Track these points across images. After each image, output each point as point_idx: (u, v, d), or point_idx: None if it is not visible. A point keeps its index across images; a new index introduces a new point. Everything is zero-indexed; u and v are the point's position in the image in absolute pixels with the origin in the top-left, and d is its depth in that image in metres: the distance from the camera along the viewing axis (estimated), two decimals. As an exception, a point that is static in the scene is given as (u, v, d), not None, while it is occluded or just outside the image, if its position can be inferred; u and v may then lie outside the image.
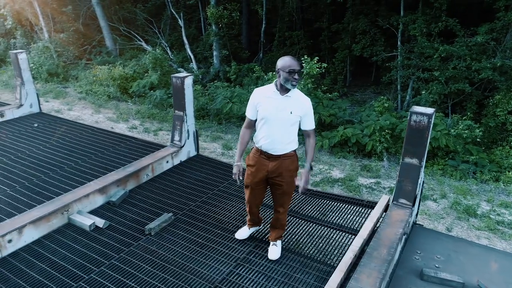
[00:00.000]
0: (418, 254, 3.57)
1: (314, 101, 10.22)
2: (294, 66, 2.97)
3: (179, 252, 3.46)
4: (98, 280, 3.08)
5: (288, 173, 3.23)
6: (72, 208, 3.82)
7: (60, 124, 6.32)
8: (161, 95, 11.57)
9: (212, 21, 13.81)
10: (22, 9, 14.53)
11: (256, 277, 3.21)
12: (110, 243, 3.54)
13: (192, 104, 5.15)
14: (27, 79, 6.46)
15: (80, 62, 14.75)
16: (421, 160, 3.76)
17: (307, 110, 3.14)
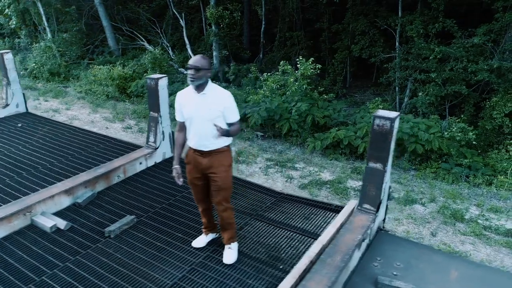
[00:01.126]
0: (378, 261, 3.52)
1: (308, 102, 10.16)
2: (190, 63, 3.08)
3: (135, 256, 3.46)
4: (48, 283, 3.11)
5: (222, 167, 3.28)
6: (35, 209, 3.86)
7: (44, 124, 6.40)
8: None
9: (211, 21, 13.83)
10: (26, 9, 14.73)
11: (207, 282, 3.19)
12: (68, 245, 3.56)
13: (167, 105, 5.16)
14: (13, 79, 6.56)
15: (82, 61, 14.90)
16: (385, 164, 3.70)
17: (226, 103, 3.18)
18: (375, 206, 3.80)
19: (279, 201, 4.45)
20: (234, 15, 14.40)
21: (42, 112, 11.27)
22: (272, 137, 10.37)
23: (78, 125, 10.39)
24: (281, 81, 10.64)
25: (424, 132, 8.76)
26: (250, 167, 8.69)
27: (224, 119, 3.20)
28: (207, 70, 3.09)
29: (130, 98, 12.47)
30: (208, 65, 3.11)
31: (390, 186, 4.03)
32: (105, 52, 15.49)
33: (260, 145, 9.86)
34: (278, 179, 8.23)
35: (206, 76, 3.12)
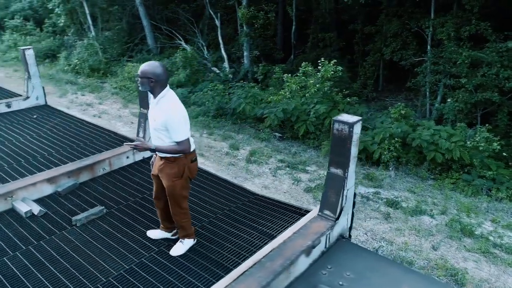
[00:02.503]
0: (328, 269, 3.42)
1: (328, 104, 9.99)
2: (138, 71, 3.13)
3: (92, 245, 3.65)
4: (7, 265, 3.36)
5: (167, 176, 3.30)
6: (17, 195, 4.17)
7: (56, 116, 6.84)
8: (183, 92, 11.95)
9: (243, 21, 13.98)
10: (74, 9, 15.71)
11: (150, 275, 3.29)
12: (36, 231, 3.82)
13: (157, 102, 5.31)
14: (33, 73, 7.08)
15: (122, 59, 15.63)
16: (345, 170, 3.60)
17: (166, 120, 3.11)
18: (335, 212, 3.69)
19: (250, 202, 4.46)
20: (268, 15, 14.46)
21: (77, 105, 12.02)
22: (290, 138, 10.31)
23: (106, 119, 10.98)
24: (302, 83, 10.54)
25: (445, 141, 8.32)
26: (260, 168, 8.71)
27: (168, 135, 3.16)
28: (147, 78, 3.08)
29: (160, 95, 12.87)
30: (151, 73, 3.06)
31: (355, 194, 3.90)
32: (143, 50, 16.14)
33: (276, 146, 9.84)
34: (285, 181, 8.18)
35: (149, 84, 3.09)
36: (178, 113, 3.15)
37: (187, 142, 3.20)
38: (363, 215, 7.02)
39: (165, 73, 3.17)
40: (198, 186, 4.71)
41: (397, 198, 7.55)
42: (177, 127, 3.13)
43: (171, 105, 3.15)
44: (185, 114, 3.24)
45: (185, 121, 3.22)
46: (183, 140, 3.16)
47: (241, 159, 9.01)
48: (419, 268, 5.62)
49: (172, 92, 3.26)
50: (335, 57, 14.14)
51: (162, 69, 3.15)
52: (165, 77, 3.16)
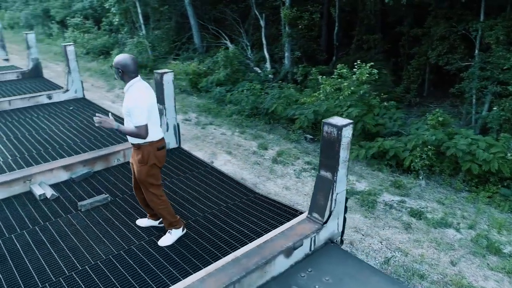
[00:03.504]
0: (308, 272, 3.40)
1: (362, 108, 9.75)
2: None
3: (91, 229, 3.90)
4: (13, 241, 3.70)
5: (134, 162, 3.56)
6: (35, 179, 4.55)
7: (89, 108, 7.31)
8: (221, 91, 12.22)
9: (285, 22, 13.99)
10: (128, 8, 16.59)
11: (134, 261, 3.47)
12: (45, 213, 4.16)
13: (172, 99, 5.53)
14: (73, 68, 7.61)
15: (168, 57, 16.25)
16: (334, 174, 3.55)
17: (129, 105, 3.36)
18: (323, 216, 3.65)
19: (249, 200, 4.51)
20: (313, 16, 14.37)
21: (121, 100, 12.69)
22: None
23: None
24: (338, 85, 10.37)
25: (483, 151, 7.81)
26: (285, 168, 8.71)
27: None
28: (117, 69, 3.38)
29: (200, 93, 13.28)
30: (120, 65, 3.35)
31: (347, 198, 3.82)
32: (190, 49, 16.66)
33: (305, 148, 9.78)
34: (308, 183, 8.11)
35: (119, 74, 3.39)
36: (139, 100, 3.36)
37: (144, 128, 3.37)
38: (382, 223, 6.80)
39: (133, 64, 3.41)
40: (201, 181, 4.85)
41: (422, 209, 7.23)
42: (136, 112, 3.33)
43: (135, 93, 3.40)
44: (148, 102, 3.44)
45: (146, 109, 3.39)
46: (140, 125, 3.35)
47: (267, 159, 9.06)
48: (431, 282, 5.36)
49: (142, 83, 3.50)
50: (378, 60, 13.76)
51: (130, 61, 3.41)
52: (132, 68, 3.41)
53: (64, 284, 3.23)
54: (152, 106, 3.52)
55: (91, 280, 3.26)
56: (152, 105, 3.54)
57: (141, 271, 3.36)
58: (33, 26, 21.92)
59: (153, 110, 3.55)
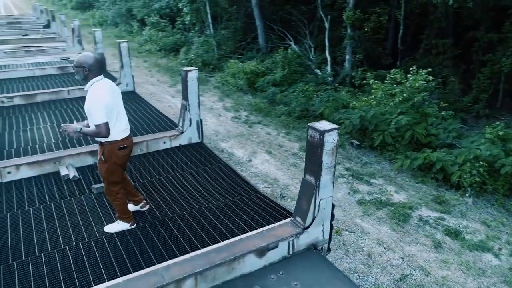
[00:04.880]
0: (279, 275, 3.39)
1: (413, 116, 9.23)
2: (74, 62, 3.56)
3: (95, 210, 4.27)
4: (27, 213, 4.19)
5: (98, 159, 3.75)
6: (64, 161, 5.06)
7: (134, 101, 7.87)
8: (274, 91, 12.33)
9: (347, 24, 13.68)
10: (199, 8, 17.40)
11: (122, 242, 3.73)
12: (64, 191, 4.62)
13: (196, 95, 5.75)
14: (125, 63, 8.23)
15: (233, 56, 16.75)
16: (317, 179, 3.48)
17: (87, 104, 3.47)
18: (304, 221, 3.60)
19: (249, 198, 4.56)
20: (380, 18, 13.87)
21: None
22: (368, 148, 9.82)
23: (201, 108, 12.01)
24: (390, 90, 9.91)
25: (544, 172, 6.99)
26: (322, 173, 8.55)
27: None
28: (79, 68, 3.50)
29: (256, 92, 13.51)
30: (81, 63, 3.48)
31: (333, 205, 3.71)
32: (254, 49, 16.99)
33: (348, 154, 9.51)
34: (341, 190, 7.90)
35: (83, 73, 3.50)
36: (97, 99, 3.45)
37: (104, 126, 3.47)
38: (411, 238, 6.40)
39: (97, 63, 3.54)
40: (210, 176, 5.01)
41: (462, 228, 6.67)
42: (94, 111, 3.45)
43: (94, 92, 3.51)
44: (106, 101, 3.49)
45: (104, 107, 3.46)
46: (99, 124, 3.47)
47: (306, 162, 8.96)
48: (446, 307, 4.95)
49: (103, 81, 3.60)
50: (447, 66, 12.84)
51: (95, 59, 3.54)
52: (97, 67, 3.54)
53: (56, 255, 3.58)
54: (112, 105, 3.58)
55: (80, 255, 3.58)
56: (113, 104, 3.59)
57: (124, 253, 3.61)
58: (118, 24, 23.94)
59: (115, 108, 3.62)
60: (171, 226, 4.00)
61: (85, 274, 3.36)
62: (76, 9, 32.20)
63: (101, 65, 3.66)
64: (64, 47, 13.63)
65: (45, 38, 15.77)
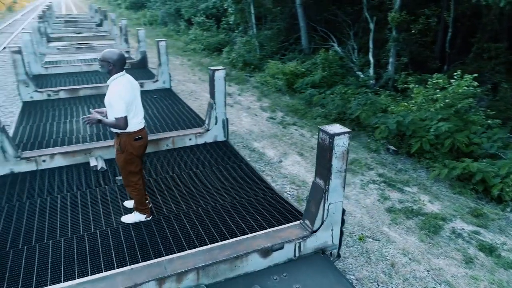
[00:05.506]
0: (283, 276, 3.38)
1: (455, 123, 8.79)
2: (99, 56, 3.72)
3: (116, 201, 4.45)
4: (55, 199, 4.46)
5: (115, 149, 3.88)
6: (94, 153, 5.33)
7: (169, 98, 8.11)
8: (312, 93, 12.23)
9: (392, 25, 13.28)
10: (243, 9, 17.61)
11: (136, 232, 3.88)
12: (90, 181, 4.86)
13: (223, 94, 5.83)
14: (163, 62, 8.50)
15: (275, 56, 16.79)
16: (326, 182, 3.42)
17: (108, 97, 3.62)
18: (313, 224, 3.55)
19: (264, 198, 4.57)
20: (429, 20, 13.36)
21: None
22: (405, 154, 9.48)
23: (235, 108, 12.15)
24: (432, 95, 9.51)
25: None
26: (353, 178, 8.37)
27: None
28: (105, 62, 3.67)
29: (294, 94, 13.47)
30: (107, 58, 3.66)
31: (344, 210, 3.63)
32: (296, 50, 16.93)
33: (383, 159, 9.23)
34: (371, 196, 7.69)
35: (108, 67, 3.68)
36: (118, 94, 3.62)
37: (123, 120, 3.66)
38: (440, 251, 6.11)
39: (122, 59, 3.71)
40: (229, 174, 5.07)
41: (498, 245, 6.26)
42: (115, 105, 3.63)
43: (115, 87, 3.67)
44: (125, 96, 3.66)
45: (125, 102, 3.64)
46: (119, 117, 3.65)
47: (338, 165, 8.80)
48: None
49: (125, 77, 3.77)
50: (499, 72, 12.11)
51: (119, 56, 3.71)
52: (120, 63, 3.71)
53: (75, 241, 3.79)
54: (131, 99, 3.77)
55: (95, 242, 3.77)
56: (132, 99, 3.77)
57: (136, 244, 3.74)
58: (167, 23, 24.73)
59: (133, 103, 3.81)
60: (184, 221, 4.10)
61: (97, 261, 3.52)
62: (130, 9, 33.64)
63: (124, 62, 3.83)
64: (111, 45, 14.33)
65: (97, 36, 16.66)
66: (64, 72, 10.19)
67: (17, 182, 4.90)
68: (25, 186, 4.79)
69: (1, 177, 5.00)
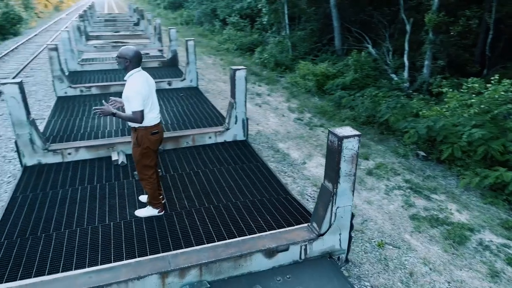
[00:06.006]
0: (286, 278, 3.35)
1: (491, 130, 8.39)
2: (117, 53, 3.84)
3: (132, 195, 4.58)
4: (75, 190, 4.65)
5: (132, 143, 3.98)
6: (116, 147, 5.51)
7: (197, 97, 8.24)
8: (342, 95, 12.05)
9: (429, 27, 12.85)
10: (277, 9, 17.61)
11: (148, 224, 3.97)
12: (111, 174, 5.03)
13: (243, 94, 5.84)
14: (191, 60, 8.65)
15: (307, 57, 16.68)
16: (334, 185, 3.36)
17: (126, 93, 3.73)
18: (320, 227, 3.50)
19: (277, 199, 4.54)
20: (470, 22, 12.84)
21: (249, 93, 13.65)
22: (435, 160, 9.15)
23: (263, 108, 12.17)
24: (467, 100, 9.12)
25: None
26: (378, 182, 8.18)
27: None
28: (122, 58, 3.80)
29: (324, 95, 13.32)
30: (124, 55, 3.78)
31: (353, 215, 3.55)
32: (329, 51, 16.74)
33: (411, 165, 8.96)
34: (395, 202, 7.48)
35: (122, 64, 3.81)
36: (135, 88, 3.75)
37: (140, 114, 3.76)
38: (464, 263, 5.85)
39: (138, 56, 3.82)
40: (245, 173, 5.09)
41: (529, 260, 5.93)
42: (132, 99, 3.74)
43: (132, 82, 3.80)
44: (142, 91, 3.78)
45: (140, 97, 3.75)
46: (136, 111, 3.75)
47: (362, 169, 8.62)
48: None
49: (141, 73, 3.88)
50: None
51: (135, 52, 3.82)
52: (136, 60, 3.83)
53: (89, 231, 3.93)
54: (148, 95, 3.89)
55: (108, 234, 3.89)
56: (148, 94, 3.90)
57: (146, 237, 3.83)
58: (202, 23, 25.11)
59: (150, 98, 3.93)
60: (195, 218, 4.15)
61: (108, 251, 3.64)
62: (168, 9, 34.42)
63: (140, 59, 3.95)
64: (146, 44, 14.73)
65: (133, 35, 17.18)
66: (98, 69, 10.59)
67: (43, 172, 5.13)
68: (50, 177, 5.02)
69: (30, 167, 5.26)
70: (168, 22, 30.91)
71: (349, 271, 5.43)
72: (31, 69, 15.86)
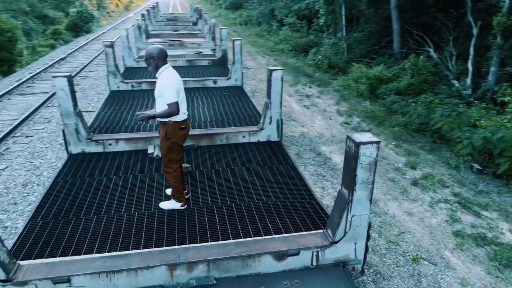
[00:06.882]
0: (294, 283, 3.29)
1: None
2: (144, 55, 4.03)
3: (160, 187, 4.73)
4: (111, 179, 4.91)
5: (160, 137, 4.10)
6: (153, 141, 5.73)
7: (240, 97, 8.33)
8: (394, 100, 11.60)
9: (497, 31, 11.95)
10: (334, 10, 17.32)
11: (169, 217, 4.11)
12: (144, 166, 5.24)
13: (279, 95, 5.80)
14: (237, 60, 8.74)
15: (363, 60, 16.24)
16: (350, 193, 3.24)
17: (159, 86, 3.87)
18: (334, 234, 3.39)
19: (300, 203, 4.46)
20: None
21: (298, 95, 13.55)
22: (491, 175, 8.50)
23: (311, 110, 12.02)
24: (531, 111, 8.37)
25: None
26: (422, 194, 7.76)
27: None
28: (150, 58, 3.97)
29: (377, 100, 12.90)
30: (151, 53, 3.95)
31: (370, 224, 3.40)
32: (386, 54, 16.17)
33: (462, 178, 8.39)
34: (439, 215, 7.05)
35: (152, 62, 3.98)
36: (167, 82, 3.91)
37: (175, 105, 3.90)
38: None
39: (163, 52, 4.00)
40: (273, 174, 5.06)
41: None
42: (166, 91, 3.88)
43: (165, 76, 3.98)
44: (174, 84, 3.95)
45: (174, 88, 3.90)
46: (171, 102, 3.89)
47: (408, 179, 8.22)
48: None
49: (170, 68, 4.06)
50: None
51: (160, 49, 3.99)
52: (163, 56, 4.00)
53: (115, 219, 4.13)
54: (179, 88, 4.06)
55: (131, 223, 4.06)
56: (180, 87, 4.06)
57: (166, 229, 3.95)
58: (260, 23, 25.31)
59: (181, 91, 4.08)
60: (215, 214, 4.20)
61: (128, 239, 3.80)
62: (229, 9, 35.13)
63: (166, 55, 4.11)
64: (200, 43, 15.13)
65: (191, 34, 17.72)
66: None
67: (85, 161, 5.48)
68: (90, 165, 5.34)
69: (74, 155, 5.64)
70: (227, 22, 31.54)
71: (377, 284, 5.21)
72: (96, 64, 16.99)
